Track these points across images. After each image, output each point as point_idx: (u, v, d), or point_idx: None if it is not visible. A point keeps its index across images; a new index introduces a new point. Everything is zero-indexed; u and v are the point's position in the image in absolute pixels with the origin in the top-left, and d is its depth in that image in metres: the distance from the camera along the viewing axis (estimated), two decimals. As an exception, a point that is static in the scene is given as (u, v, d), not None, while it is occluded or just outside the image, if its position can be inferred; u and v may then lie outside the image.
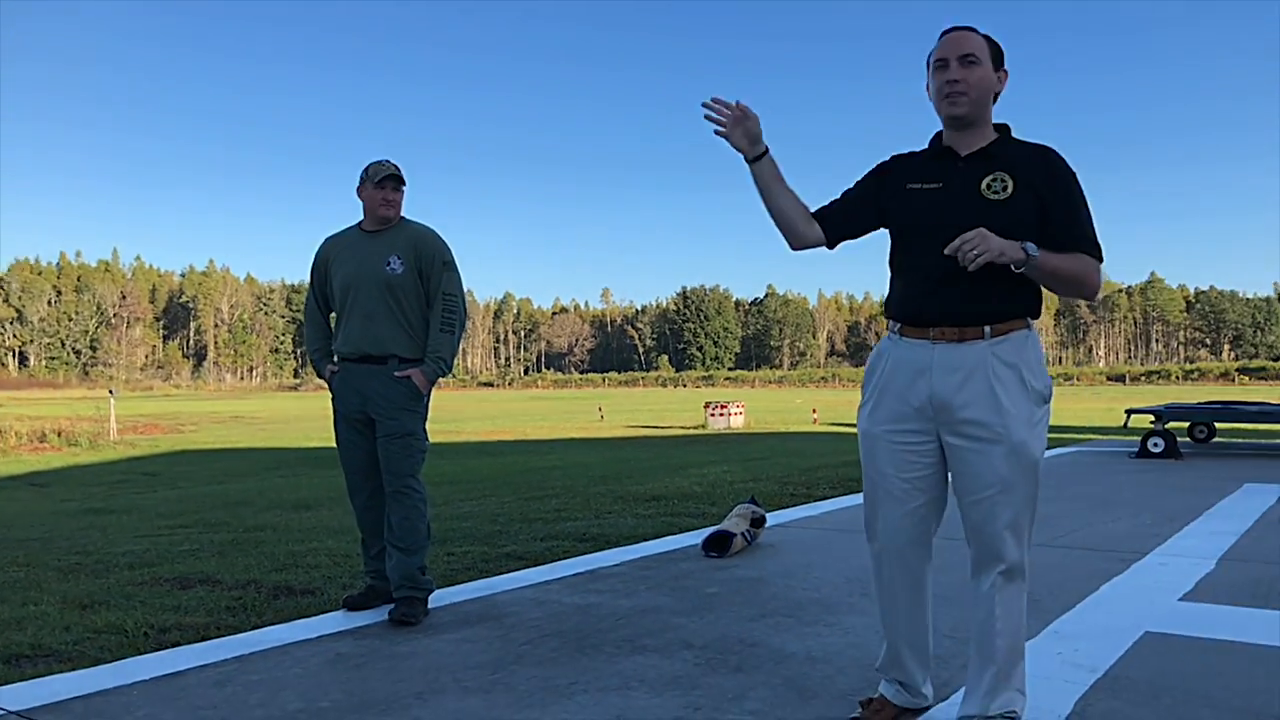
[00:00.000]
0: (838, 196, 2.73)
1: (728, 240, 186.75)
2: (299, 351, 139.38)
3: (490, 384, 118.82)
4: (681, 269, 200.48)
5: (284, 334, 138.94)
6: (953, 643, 3.50)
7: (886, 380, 2.63)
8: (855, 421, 2.79)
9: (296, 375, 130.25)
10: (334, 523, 7.22)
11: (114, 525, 7.70)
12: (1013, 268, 2.41)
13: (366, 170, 4.30)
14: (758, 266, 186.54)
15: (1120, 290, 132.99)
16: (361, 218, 4.39)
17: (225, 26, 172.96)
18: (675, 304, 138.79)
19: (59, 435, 22.33)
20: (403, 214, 4.37)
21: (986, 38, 2.57)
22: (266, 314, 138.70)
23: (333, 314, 4.47)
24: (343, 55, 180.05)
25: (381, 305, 4.20)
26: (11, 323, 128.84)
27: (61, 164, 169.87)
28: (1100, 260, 2.51)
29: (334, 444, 4.45)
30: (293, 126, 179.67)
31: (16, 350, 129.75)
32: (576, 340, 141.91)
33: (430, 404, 4.36)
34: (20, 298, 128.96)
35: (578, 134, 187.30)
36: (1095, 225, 2.53)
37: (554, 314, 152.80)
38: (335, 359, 4.38)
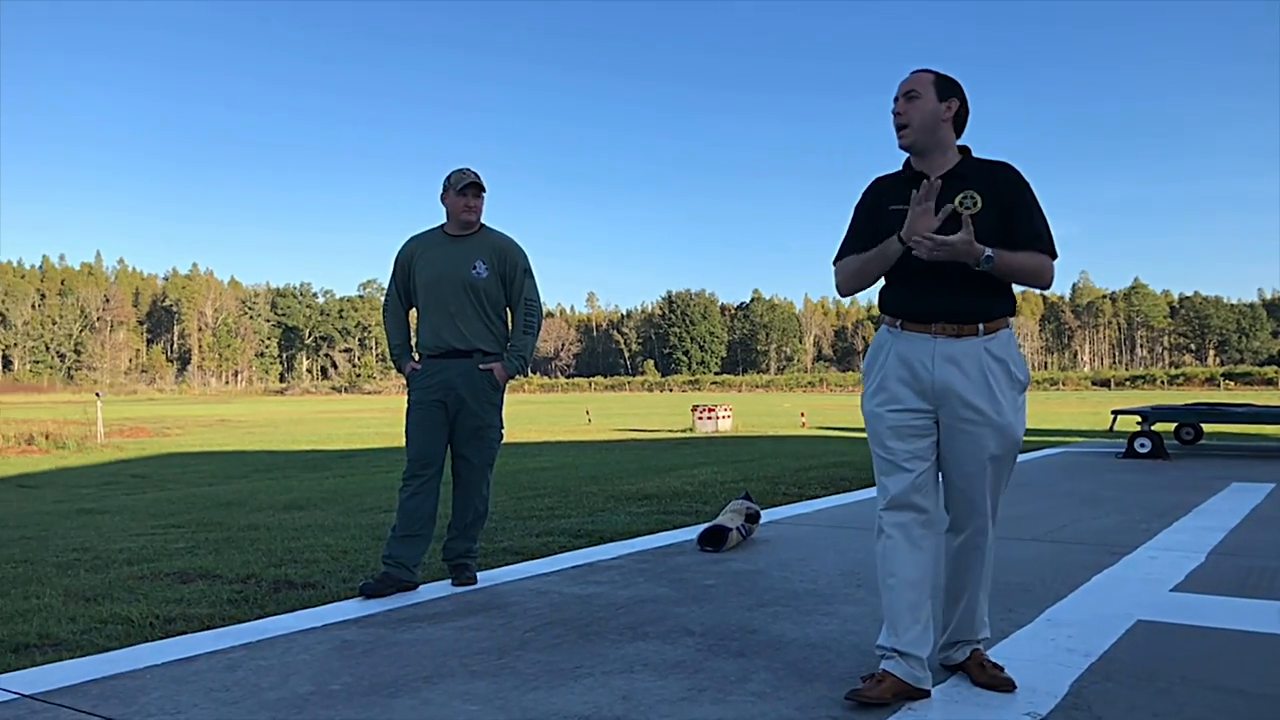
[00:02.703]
0: (851, 235, 3.03)
1: (713, 244, 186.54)
2: (285, 355, 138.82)
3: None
4: (667, 273, 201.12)
5: (269, 338, 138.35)
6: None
7: (890, 368, 2.91)
8: (845, 424, 3.03)
9: (282, 379, 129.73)
10: (328, 521, 7.24)
11: (107, 524, 7.70)
12: (973, 265, 2.76)
13: (449, 178, 4.60)
14: (743, 271, 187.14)
15: (1104, 296, 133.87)
16: (444, 221, 4.71)
17: (204, 28, 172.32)
18: (661, 308, 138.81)
19: (46, 438, 22.23)
20: (483, 221, 4.69)
21: (936, 75, 2.93)
22: (251, 318, 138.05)
23: (411, 310, 4.78)
24: (324, 53, 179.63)
25: (467, 305, 4.54)
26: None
27: (44, 166, 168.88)
28: (1054, 256, 2.88)
29: (323, 447, 4.61)
30: (276, 128, 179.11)
31: (0, 353, 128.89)
32: (562, 345, 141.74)
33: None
34: (3, 301, 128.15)
35: (563, 136, 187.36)
36: (1049, 226, 2.89)
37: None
38: (416, 354, 4.69)
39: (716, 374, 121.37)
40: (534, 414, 37.75)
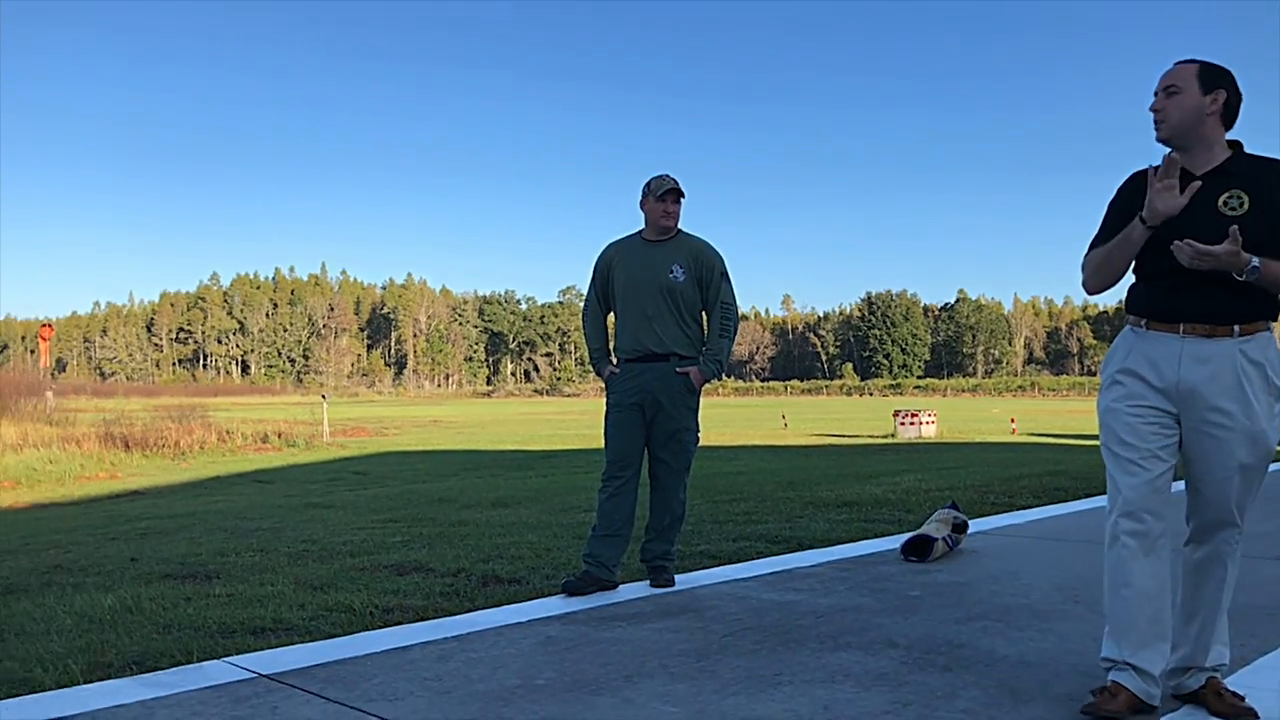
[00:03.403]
0: (1103, 230, 2.88)
1: (914, 243, 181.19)
2: (491, 359, 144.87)
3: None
4: (865, 273, 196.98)
5: (477, 343, 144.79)
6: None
7: (1130, 365, 2.77)
8: (1059, 431, 2.88)
9: (489, 382, 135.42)
10: (532, 519, 7.48)
11: (332, 518, 8.25)
12: (1235, 275, 2.61)
13: (649, 184, 4.69)
14: (947, 270, 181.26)
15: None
16: (642, 227, 4.78)
17: (412, 49, 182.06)
18: (860, 310, 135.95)
19: (279, 437, 24.13)
20: (679, 225, 4.73)
21: (1201, 65, 2.75)
22: (461, 324, 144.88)
23: (610, 315, 4.87)
24: (524, 68, 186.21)
25: (664, 308, 4.59)
26: (234, 333, 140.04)
27: (274, 185, 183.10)
28: None
29: (526, 447, 4.74)
30: (481, 143, 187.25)
31: (239, 359, 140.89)
32: (757, 348, 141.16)
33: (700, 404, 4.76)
34: (242, 310, 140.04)
35: (759, 138, 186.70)
36: None
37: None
38: (614, 358, 4.77)
39: (919, 378, 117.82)
40: (729, 418, 37.80)
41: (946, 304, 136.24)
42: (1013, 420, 27.26)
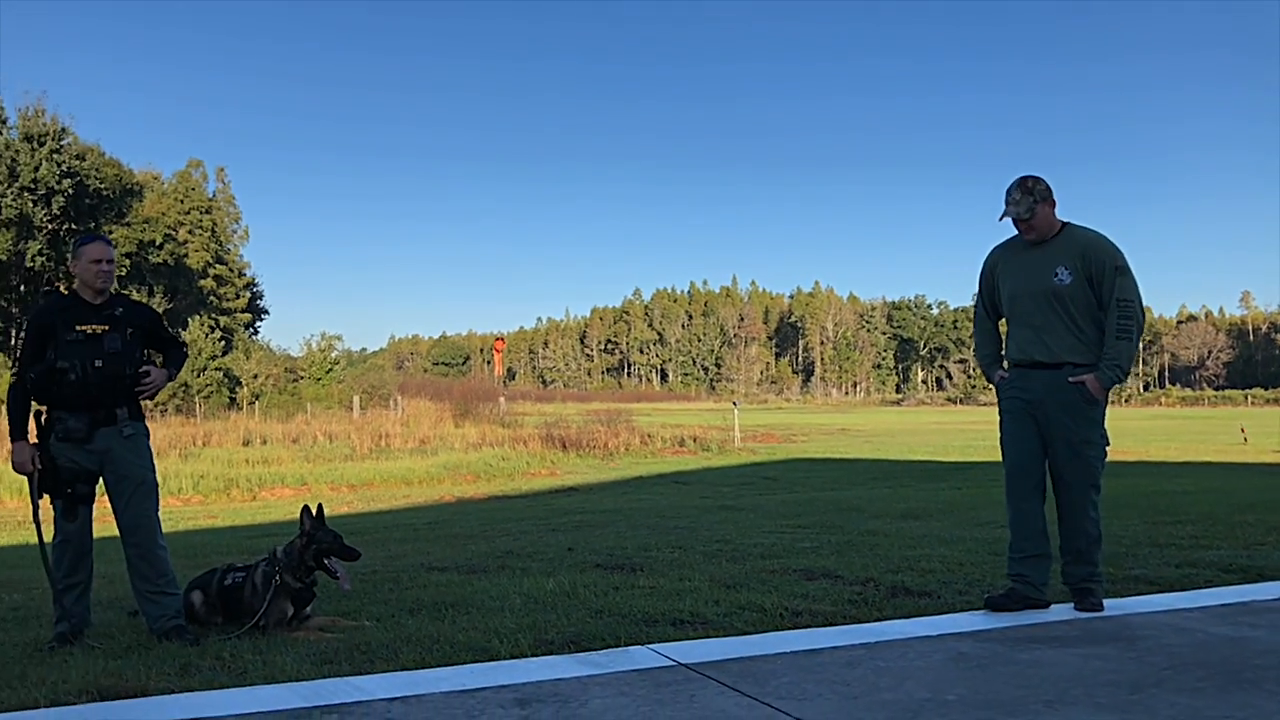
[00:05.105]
0: None
1: None
2: (900, 367, 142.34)
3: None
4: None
5: (885, 350, 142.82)
6: None
7: None
8: None
9: (898, 390, 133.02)
10: (944, 533, 7.24)
11: (744, 520, 8.56)
12: None
13: None
14: None
15: None
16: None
17: (808, 61, 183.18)
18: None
19: (694, 441, 25.54)
20: (1068, 220, 4.43)
21: None
22: (868, 331, 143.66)
23: (1001, 320, 4.66)
24: (943, 76, 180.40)
25: (1051, 315, 4.30)
26: (654, 344, 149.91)
27: (690, 200, 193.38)
28: None
29: (938, 458, 4.59)
30: (892, 147, 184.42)
31: (659, 367, 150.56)
32: (1209, 352, 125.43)
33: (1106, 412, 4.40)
34: (661, 322, 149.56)
35: (1200, 109, 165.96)
36: None
37: (1179, 322, 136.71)
38: (1005, 364, 4.57)
39: None
40: (1173, 430, 34.06)
41: None
42: None
